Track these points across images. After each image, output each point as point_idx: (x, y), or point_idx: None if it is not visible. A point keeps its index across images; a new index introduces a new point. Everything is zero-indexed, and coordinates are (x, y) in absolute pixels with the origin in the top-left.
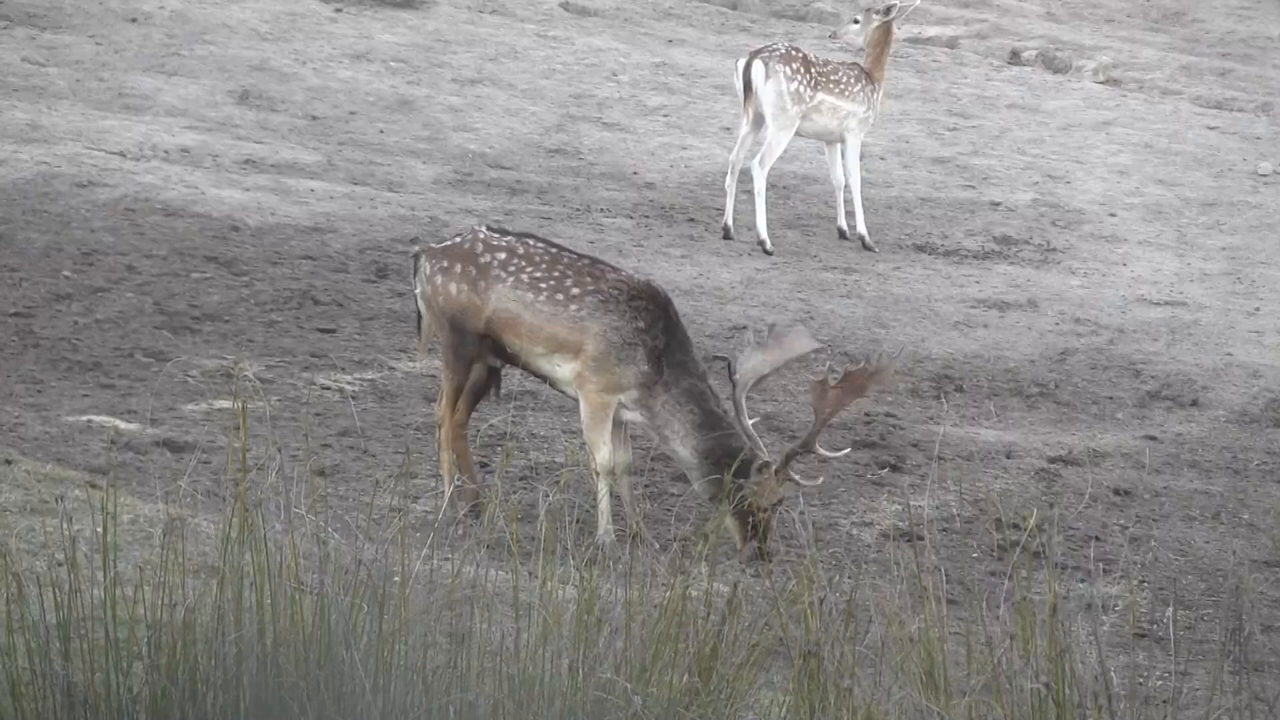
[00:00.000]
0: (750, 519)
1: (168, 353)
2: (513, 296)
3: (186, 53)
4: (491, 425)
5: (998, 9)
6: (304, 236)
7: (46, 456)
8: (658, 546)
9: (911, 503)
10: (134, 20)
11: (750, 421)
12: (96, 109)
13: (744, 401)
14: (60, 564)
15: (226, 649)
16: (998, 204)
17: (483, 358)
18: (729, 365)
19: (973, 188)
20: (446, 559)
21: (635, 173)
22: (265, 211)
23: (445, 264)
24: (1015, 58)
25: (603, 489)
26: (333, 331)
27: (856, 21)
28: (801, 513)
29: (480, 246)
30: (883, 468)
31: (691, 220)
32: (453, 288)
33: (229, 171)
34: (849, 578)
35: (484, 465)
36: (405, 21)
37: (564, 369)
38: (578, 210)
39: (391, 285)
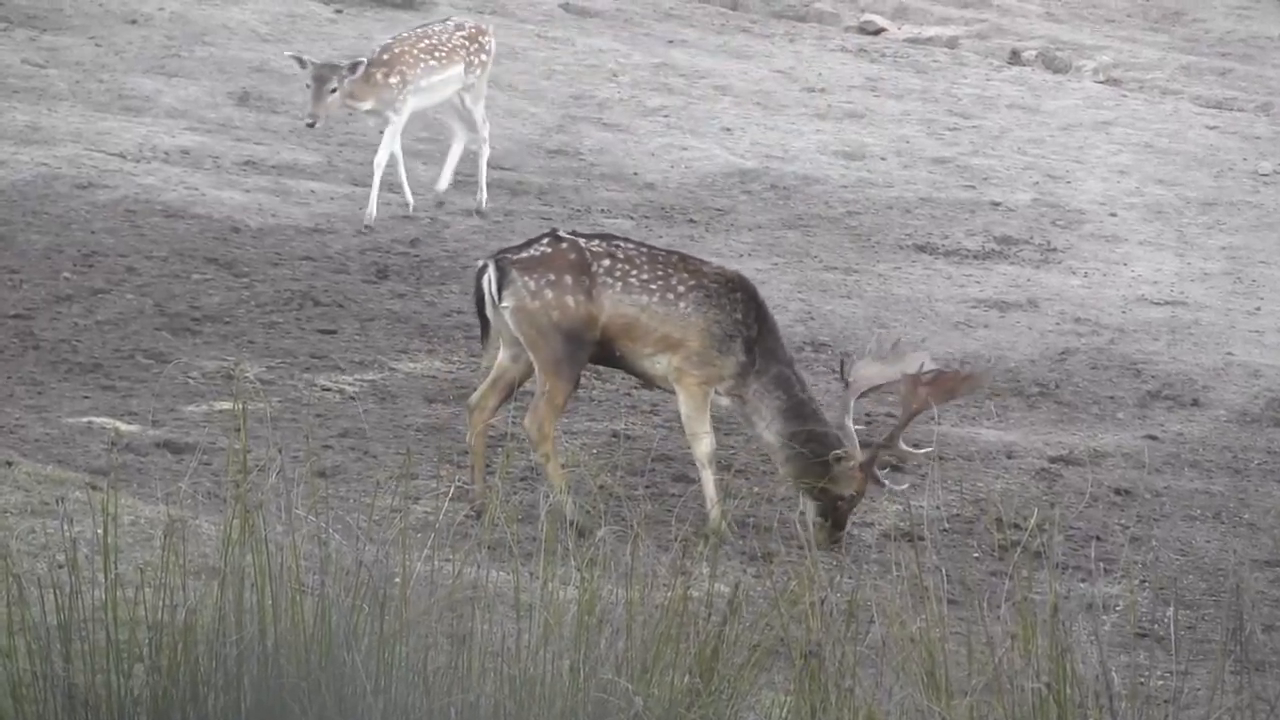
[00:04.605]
0: (830, 507)
1: (168, 354)
2: (628, 302)
3: (186, 54)
4: (492, 426)
5: (998, 9)
6: (304, 237)
7: (47, 458)
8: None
9: (912, 503)
10: (134, 22)
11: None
12: (96, 110)
13: (851, 403)
14: (61, 566)
15: (227, 650)
16: (998, 204)
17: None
18: (842, 365)
19: (973, 188)
20: (447, 560)
21: (635, 173)
22: (265, 213)
23: (553, 276)
24: (1015, 58)
25: (708, 478)
26: (333, 332)
27: (334, 90)
28: (801, 513)
29: (588, 255)
30: (884, 468)
31: (692, 221)
32: (569, 300)
33: (229, 173)
34: (850, 578)
35: (485, 466)
36: (405, 23)
37: (661, 364)
38: (578, 211)
39: (392, 286)
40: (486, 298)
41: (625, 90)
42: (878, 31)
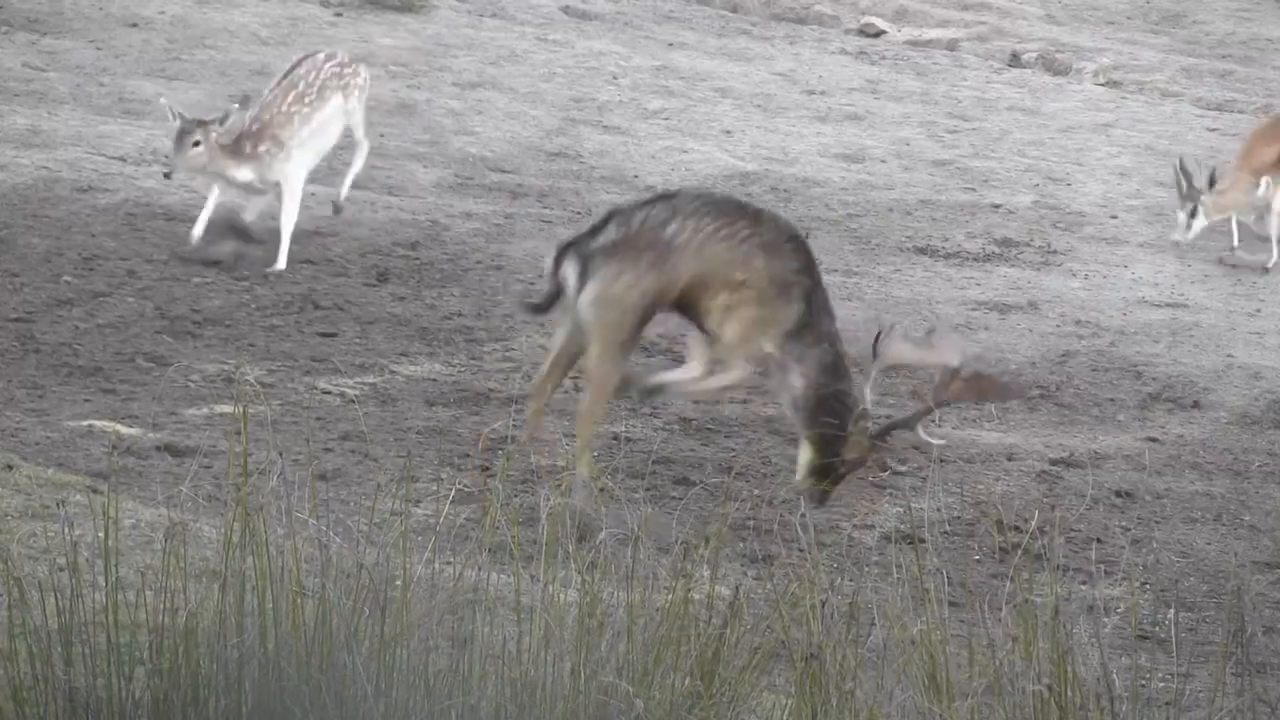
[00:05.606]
0: (829, 462)
1: (169, 357)
2: (702, 257)
3: (187, 57)
4: (493, 429)
5: (998, 11)
6: (304, 240)
7: (48, 461)
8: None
9: (913, 505)
10: (134, 25)
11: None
12: (97, 114)
13: (875, 373)
14: (62, 569)
15: (228, 654)
16: (998, 206)
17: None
18: (878, 336)
19: (973, 190)
20: (448, 563)
21: (636, 176)
22: (266, 216)
23: (632, 258)
24: (1015, 60)
25: (719, 381)
26: (334, 336)
27: (198, 144)
28: (803, 515)
29: (655, 224)
30: (884, 470)
31: None
32: (649, 279)
33: None
34: (851, 580)
35: (485, 469)
36: (405, 25)
37: (720, 301)
38: (579, 214)
39: (392, 289)
40: (568, 290)
41: (625, 93)
42: (878, 34)
